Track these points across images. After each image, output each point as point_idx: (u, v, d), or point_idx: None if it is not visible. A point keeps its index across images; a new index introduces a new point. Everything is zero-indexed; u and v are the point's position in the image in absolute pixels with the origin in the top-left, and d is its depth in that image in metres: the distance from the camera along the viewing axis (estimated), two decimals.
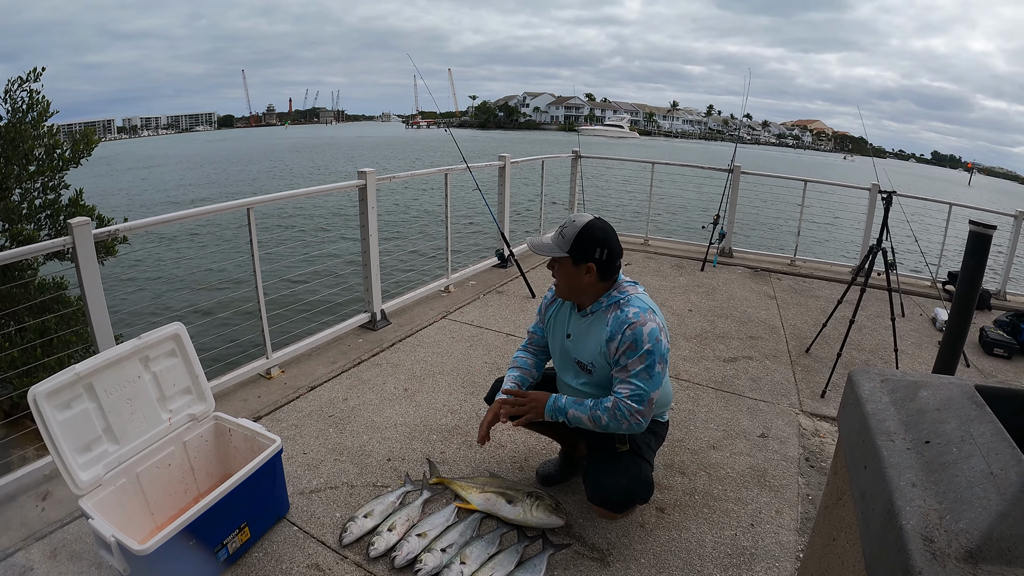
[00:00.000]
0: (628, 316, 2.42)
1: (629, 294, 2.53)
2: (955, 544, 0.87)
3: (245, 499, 2.51)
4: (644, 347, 2.37)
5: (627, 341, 2.39)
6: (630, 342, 2.39)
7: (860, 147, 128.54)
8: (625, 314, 2.44)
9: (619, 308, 2.48)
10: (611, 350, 2.46)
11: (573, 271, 2.51)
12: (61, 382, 2.28)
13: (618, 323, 2.44)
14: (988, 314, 6.43)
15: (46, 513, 2.79)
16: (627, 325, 2.40)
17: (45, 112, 6.56)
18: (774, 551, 2.68)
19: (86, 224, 3.08)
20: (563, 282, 2.58)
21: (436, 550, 2.52)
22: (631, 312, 2.43)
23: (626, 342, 2.39)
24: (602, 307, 2.55)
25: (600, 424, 2.44)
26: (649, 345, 2.37)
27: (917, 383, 1.28)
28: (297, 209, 18.74)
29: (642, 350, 2.38)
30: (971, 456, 1.02)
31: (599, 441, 2.65)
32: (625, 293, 2.53)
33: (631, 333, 2.39)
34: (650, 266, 7.52)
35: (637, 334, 2.38)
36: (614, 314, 2.48)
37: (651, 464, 2.72)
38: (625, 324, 2.41)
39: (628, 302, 2.49)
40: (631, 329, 2.39)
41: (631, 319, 2.41)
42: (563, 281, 2.57)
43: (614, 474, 2.58)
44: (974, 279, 3.01)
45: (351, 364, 4.38)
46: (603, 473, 2.61)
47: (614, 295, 2.53)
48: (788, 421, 3.84)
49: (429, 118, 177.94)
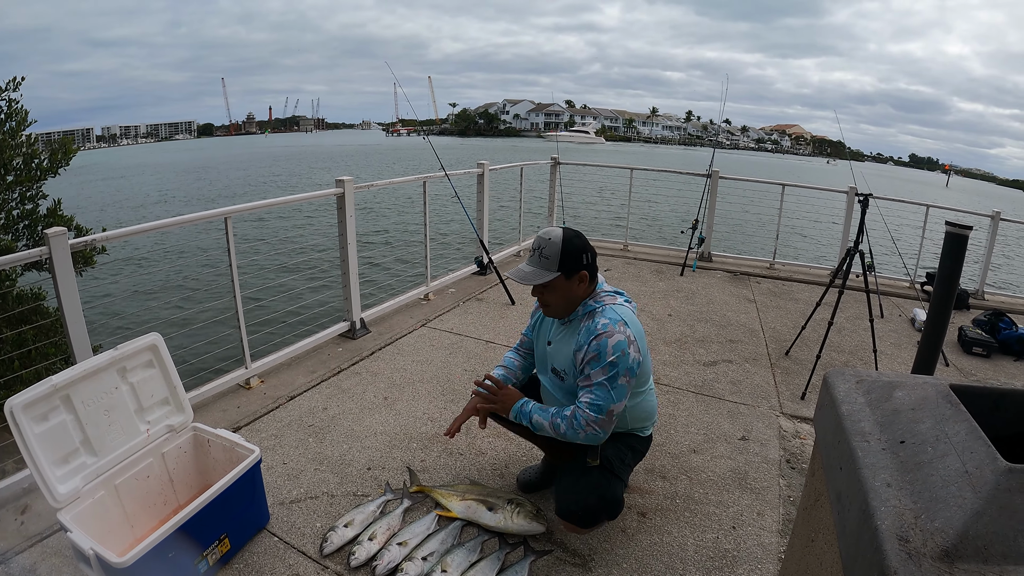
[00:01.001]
0: (597, 327, 2.42)
1: (605, 304, 2.52)
2: (930, 543, 0.87)
3: (225, 510, 2.48)
4: (608, 359, 2.36)
5: (592, 352, 2.39)
6: (595, 353, 2.38)
7: (838, 151, 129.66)
8: (595, 324, 2.44)
9: (591, 318, 2.48)
10: (577, 359, 2.46)
11: (567, 286, 2.49)
12: (37, 394, 2.25)
13: (587, 333, 2.44)
14: (967, 313, 6.52)
15: (25, 527, 2.75)
16: (594, 336, 2.40)
17: (23, 122, 6.48)
18: (756, 553, 2.69)
19: (62, 234, 3.05)
20: (558, 301, 2.55)
21: (417, 559, 2.50)
22: (601, 323, 2.43)
23: (591, 353, 2.39)
24: (579, 316, 2.55)
25: (559, 431, 2.43)
26: (613, 357, 2.36)
27: (892, 383, 1.29)
28: (275, 219, 18.65)
29: (605, 362, 2.37)
30: (946, 455, 1.02)
31: (572, 454, 2.64)
32: (601, 303, 2.52)
33: (596, 344, 2.38)
34: (629, 271, 7.54)
35: (602, 345, 2.37)
36: (586, 324, 2.48)
37: (624, 481, 2.68)
38: (592, 335, 2.41)
39: (601, 312, 2.48)
40: (597, 340, 2.39)
41: (599, 330, 2.40)
42: (558, 300, 2.54)
43: (582, 490, 2.55)
44: (951, 279, 3.05)
45: (331, 373, 4.36)
46: (571, 488, 2.58)
47: (590, 304, 2.53)
48: (768, 424, 3.86)
49: (409, 126, 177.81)
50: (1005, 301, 7.25)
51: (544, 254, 2.46)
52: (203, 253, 13.55)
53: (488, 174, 6.96)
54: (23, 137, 6.54)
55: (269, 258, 10.61)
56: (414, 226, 15.34)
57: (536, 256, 2.48)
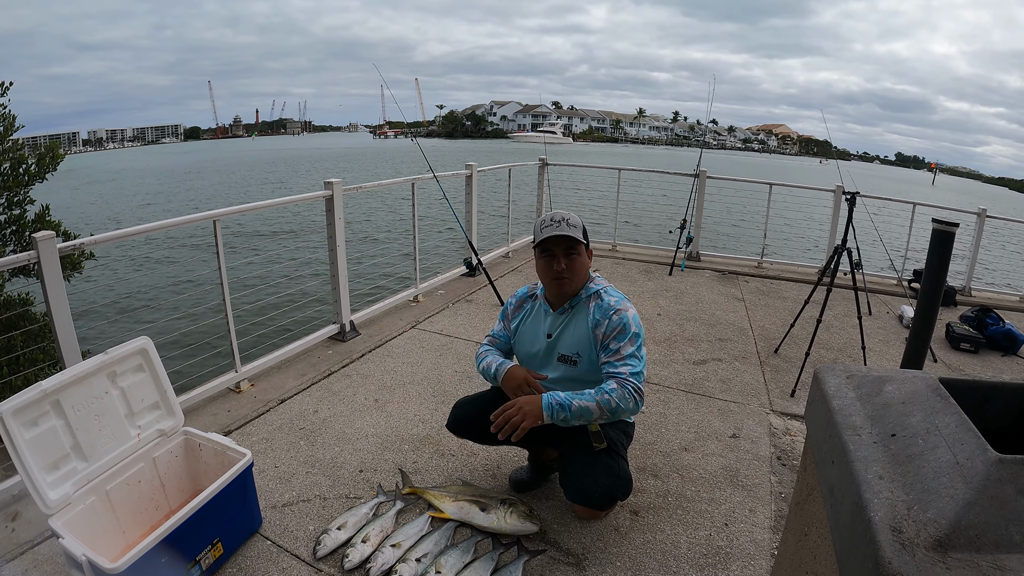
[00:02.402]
0: (611, 304, 2.56)
1: (603, 285, 2.68)
2: (924, 534, 0.88)
3: (217, 514, 2.48)
4: (632, 331, 2.51)
5: (616, 326, 2.51)
6: (619, 327, 2.51)
7: (825, 150, 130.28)
8: (607, 302, 2.57)
9: (599, 298, 2.61)
10: (598, 336, 2.55)
11: (584, 257, 2.63)
12: (27, 399, 2.24)
13: (602, 311, 2.56)
14: (954, 310, 6.59)
15: (16, 534, 2.73)
16: (613, 311, 2.54)
17: (11, 127, 6.44)
18: (749, 550, 2.70)
19: (51, 238, 3.03)
20: (580, 269, 2.63)
21: (411, 560, 2.50)
22: (613, 300, 2.58)
23: (615, 327, 2.51)
24: (582, 299, 2.66)
25: (610, 407, 2.41)
26: (635, 329, 2.52)
27: (882, 378, 1.30)
28: (263, 222, 18.61)
29: (630, 333, 2.51)
30: (937, 447, 1.03)
31: (573, 442, 2.66)
32: (600, 285, 2.68)
33: (618, 319, 2.51)
34: (618, 271, 7.57)
35: (624, 319, 2.51)
36: (595, 303, 2.60)
37: (627, 461, 2.76)
38: (611, 311, 2.54)
39: (607, 292, 2.63)
40: (617, 315, 2.52)
41: (615, 306, 2.55)
42: (580, 267, 2.62)
43: (595, 472, 2.60)
44: (938, 275, 3.08)
45: (321, 376, 4.35)
46: (584, 472, 2.63)
47: (591, 286, 2.67)
48: (759, 421, 3.88)
49: (396, 128, 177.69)
50: (992, 297, 7.33)
51: (570, 223, 2.57)
52: (191, 257, 13.50)
53: (476, 176, 6.97)
54: (10, 142, 6.50)
55: (256, 261, 10.57)
56: (402, 228, 15.34)
57: (563, 225, 2.56)
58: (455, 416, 2.96)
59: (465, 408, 2.95)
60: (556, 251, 2.58)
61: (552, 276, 2.62)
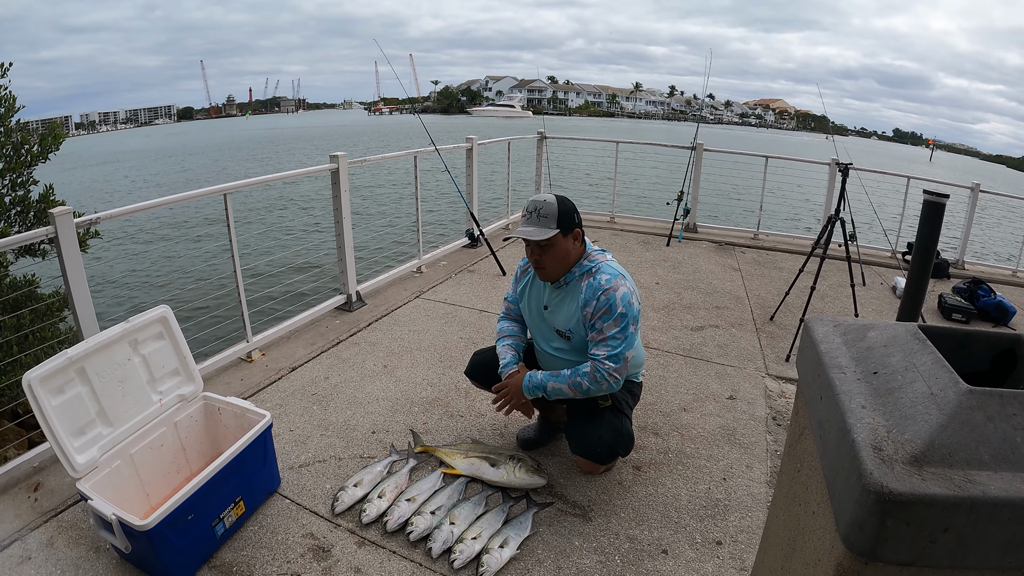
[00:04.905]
0: (601, 283, 2.58)
1: (599, 262, 2.68)
2: (901, 452, 1.00)
3: (239, 473, 2.58)
4: (617, 311, 2.54)
5: (602, 307, 2.55)
6: (605, 307, 2.55)
7: (822, 125, 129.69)
8: (598, 281, 2.59)
9: (592, 276, 2.63)
10: (586, 315, 2.61)
11: (564, 244, 2.63)
12: (54, 367, 2.33)
13: (592, 290, 2.59)
14: (947, 282, 6.68)
15: (39, 503, 2.81)
16: (601, 291, 2.56)
17: (12, 108, 6.47)
18: (746, 502, 2.84)
19: (68, 213, 3.11)
20: (553, 263, 2.66)
21: (426, 513, 2.64)
22: (603, 279, 2.59)
23: (601, 307, 2.55)
24: (575, 276, 2.69)
25: (581, 390, 2.58)
26: (622, 308, 2.54)
27: (866, 326, 1.41)
28: (270, 197, 18.67)
29: (616, 314, 2.54)
30: (914, 381, 1.15)
31: (575, 399, 2.76)
32: (595, 261, 2.68)
33: (605, 299, 2.55)
34: (617, 242, 7.66)
35: (611, 299, 2.54)
36: (587, 281, 2.63)
37: (630, 419, 2.88)
38: (600, 290, 2.56)
39: (600, 269, 2.64)
40: (605, 295, 2.55)
41: (604, 285, 2.57)
42: (553, 261, 2.65)
43: (598, 428, 2.73)
44: (929, 245, 3.20)
45: (330, 344, 4.46)
46: (587, 428, 2.76)
47: (585, 264, 2.68)
48: (755, 384, 4.01)
49: (392, 104, 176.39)
50: (984, 271, 7.42)
51: (542, 214, 2.58)
52: (200, 230, 13.51)
53: (476, 148, 7.05)
54: (12, 123, 6.53)
55: (264, 234, 10.63)
56: (406, 200, 15.38)
57: (534, 217, 2.60)
58: (473, 363, 3.16)
59: (482, 355, 3.14)
60: (530, 242, 2.64)
61: (533, 264, 2.72)
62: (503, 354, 2.91)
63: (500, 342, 2.97)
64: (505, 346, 2.93)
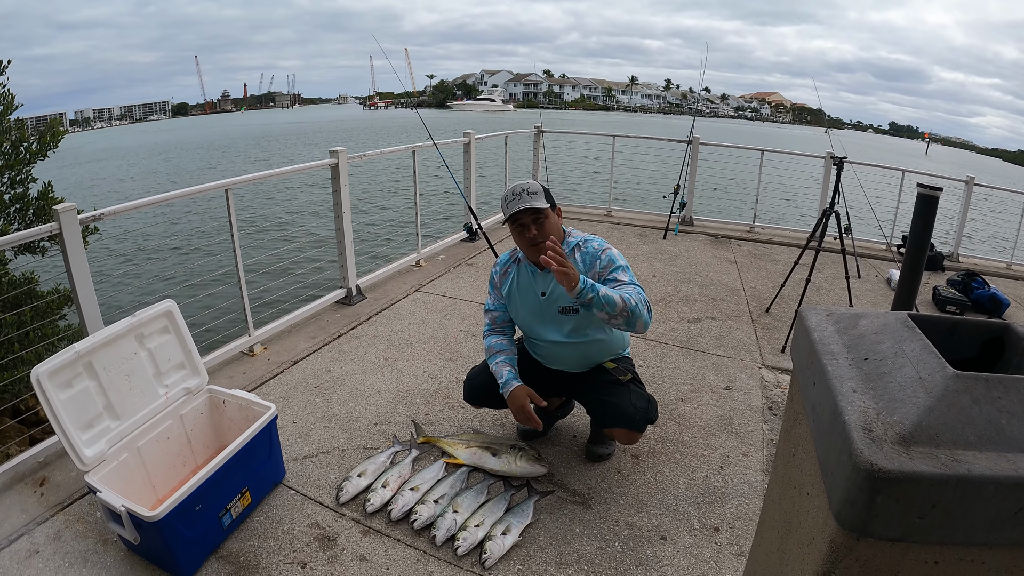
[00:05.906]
0: (595, 247, 2.72)
1: (581, 236, 2.81)
2: (890, 432, 1.05)
3: (245, 464, 2.62)
4: (620, 263, 2.65)
5: (606, 261, 2.66)
6: (608, 261, 2.66)
7: (817, 118, 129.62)
8: (591, 246, 2.73)
9: (582, 247, 2.74)
10: (593, 275, 2.66)
11: (554, 217, 2.71)
12: (62, 362, 2.36)
13: (590, 255, 2.70)
14: (941, 275, 6.73)
15: (45, 498, 2.83)
16: (601, 251, 2.69)
17: (10, 106, 6.48)
18: (743, 489, 2.89)
19: (72, 209, 3.13)
20: (549, 231, 2.66)
21: (429, 502, 2.68)
22: (595, 244, 2.74)
23: (605, 262, 2.66)
24: (568, 251, 2.74)
25: (630, 306, 2.42)
26: (622, 262, 2.66)
27: (858, 315, 1.46)
28: (269, 194, 18.71)
29: (620, 264, 2.66)
30: (903, 367, 1.20)
31: (598, 381, 2.84)
32: (579, 236, 2.80)
33: (607, 256, 2.67)
34: (613, 236, 7.71)
35: (611, 255, 2.68)
36: (580, 252, 2.73)
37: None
38: (599, 251, 2.70)
39: (587, 240, 2.77)
40: (605, 253, 2.68)
41: (600, 248, 2.71)
42: (549, 230, 2.66)
43: (630, 396, 2.75)
44: (923, 237, 3.25)
45: (331, 338, 4.50)
46: (619, 400, 2.74)
47: (570, 240, 2.78)
48: (751, 375, 4.06)
49: (387, 99, 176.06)
50: (978, 263, 7.47)
51: (529, 192, 2.64)
52: (202, 225, 13.50)
53: (474, 143, 7.09)
54: (10, 121, 6.55)
55: (264, 229, 10.65)
56: (404, 195, 15.40)
57: (523, 196, 2.63)
58: (470, 388, 3.11)
59: (476, 380, 3.09)
60: (525, 220, 2.64)
61: (528, 244, 2.68)
62: (499, 372, 2.85)
63: (492, 359, 2.91)
64: (499, 363, 2.88)
